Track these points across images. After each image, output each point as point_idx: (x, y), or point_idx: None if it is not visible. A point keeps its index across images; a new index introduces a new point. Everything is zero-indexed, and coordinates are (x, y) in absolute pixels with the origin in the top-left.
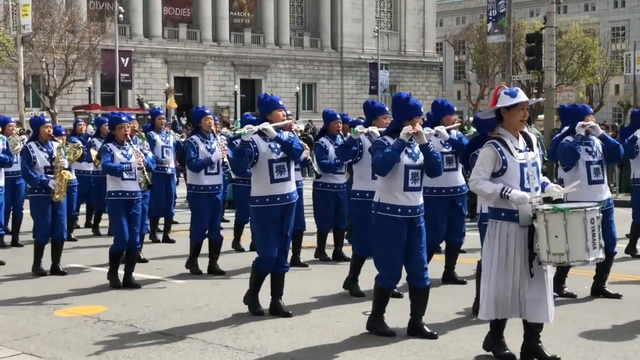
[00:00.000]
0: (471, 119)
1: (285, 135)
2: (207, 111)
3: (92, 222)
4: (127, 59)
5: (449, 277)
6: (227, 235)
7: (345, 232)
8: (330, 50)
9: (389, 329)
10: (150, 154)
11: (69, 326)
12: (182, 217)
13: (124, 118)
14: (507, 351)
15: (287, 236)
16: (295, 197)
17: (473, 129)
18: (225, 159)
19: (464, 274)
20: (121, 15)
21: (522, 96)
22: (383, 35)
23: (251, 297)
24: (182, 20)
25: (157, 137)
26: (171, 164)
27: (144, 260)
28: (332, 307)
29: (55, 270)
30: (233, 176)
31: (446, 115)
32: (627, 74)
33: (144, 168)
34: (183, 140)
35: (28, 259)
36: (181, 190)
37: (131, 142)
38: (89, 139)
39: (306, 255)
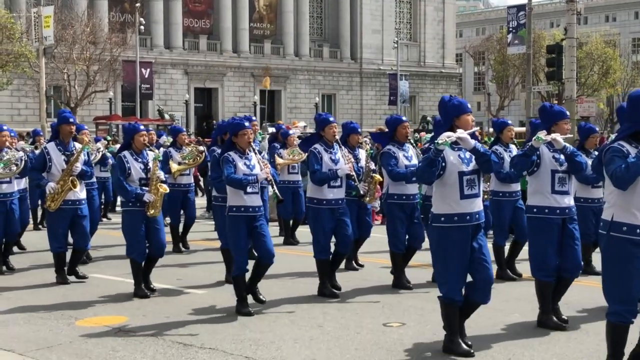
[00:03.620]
0: (491, 129)
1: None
2: (331, 119)
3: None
4: (148, 70)
5: None
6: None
7: None
8: (350, 61)
9: None
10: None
11: (90, 336)
12: (201, 226)
13: (246, 123)
14: None
15: (486, 264)
16: (482, 217)
17: None
18: (352, 172)
19: None
20: (142, 27)
21: None
22: (402, 46)
23: None
24: (202, 32)
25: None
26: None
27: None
28: (352, 318)
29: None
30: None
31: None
32: None
33: (273, 180)
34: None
35: (49, 268)
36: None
37: (255, 151)
38: (167, 149)
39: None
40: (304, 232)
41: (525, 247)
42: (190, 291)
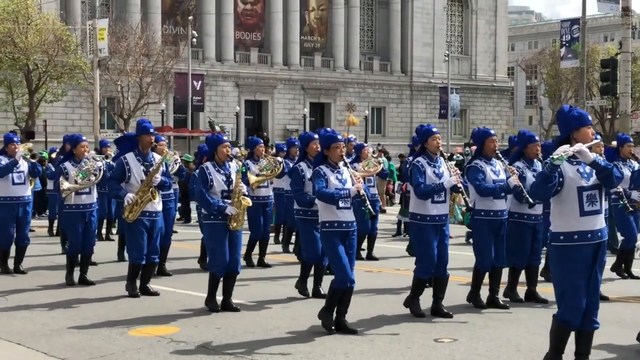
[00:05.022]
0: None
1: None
2: (434, 129)
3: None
4: (200, 82)
5: None
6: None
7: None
8: (400, 74)
9: None
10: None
11: (142, 346)
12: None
13: (339, 136)
14: None
15: (596, 288)
16: (605, 235)
17: None
18: (459, 184)
19: None
20: (194, 40)
21: None
22: (453, 59)
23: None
24: (253, 45)
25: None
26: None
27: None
28: (403, 332)
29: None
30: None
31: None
32: None
33: (366, 196)
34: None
35: (106, 281)
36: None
37: (347, 164)
38: (244, 161)
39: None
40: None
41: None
42: (241, 303)
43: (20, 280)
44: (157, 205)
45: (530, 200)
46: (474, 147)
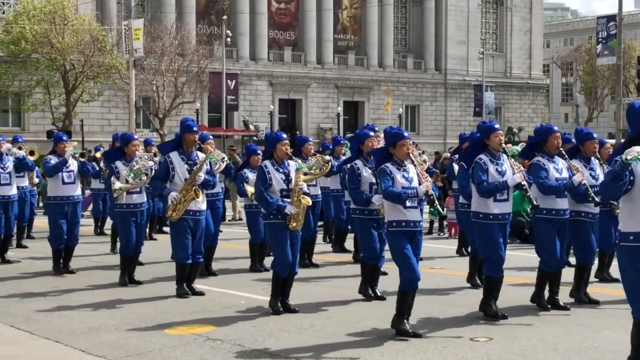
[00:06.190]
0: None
1: None
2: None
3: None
4: (234, 81)
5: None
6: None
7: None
8: (434, 72)
9: None
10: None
11: (178, 344)
12: None
13: (405, 133)
14: None
15: None
16: None
17: None
18: (524, 182)
19: None
20: (229, 39)
21: None
22: (488, 56)
23: None
24: (287, 44)
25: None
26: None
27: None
28: (439, 331)
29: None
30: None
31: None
32: None
33: (434, 196)
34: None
35: (153, 279)
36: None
37: (414, 162)
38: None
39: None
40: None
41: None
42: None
43: (65, 280)
44: (201, 204)
45: (596, 198)
46: (509, 145)
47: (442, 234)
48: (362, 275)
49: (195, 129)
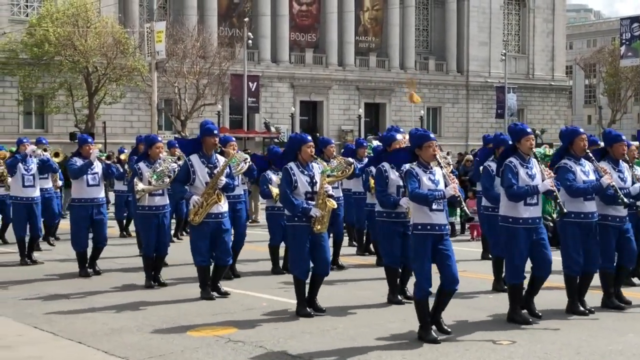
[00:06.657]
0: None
1: None
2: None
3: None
4: (255, 83)
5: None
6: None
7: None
8: (456, 73)
9: None
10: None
11: (200, 345)
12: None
13: (431, 135)
14: None
15: None
16: None
17: None
18: (554, 188)
19: None
20: (250, 41)
21: None
22: (510, 58)
23: None
24: (308, 46)
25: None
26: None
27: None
28: (462, 334)
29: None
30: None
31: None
32: None
33: (461, 198)
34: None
35: (177, 280)
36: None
37: (441, 165)
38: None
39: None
40: None
41: None
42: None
43: (88, 282)
44: (223, 206)
45: (626, 200)
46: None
47: (462, 234)
48: (388, 283)
49: (215, 131)
